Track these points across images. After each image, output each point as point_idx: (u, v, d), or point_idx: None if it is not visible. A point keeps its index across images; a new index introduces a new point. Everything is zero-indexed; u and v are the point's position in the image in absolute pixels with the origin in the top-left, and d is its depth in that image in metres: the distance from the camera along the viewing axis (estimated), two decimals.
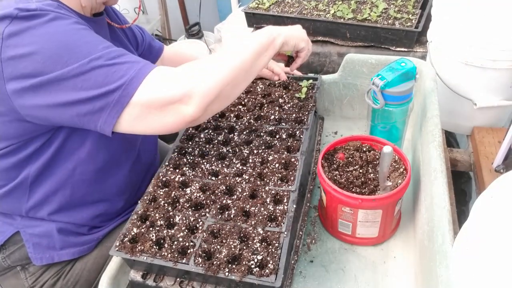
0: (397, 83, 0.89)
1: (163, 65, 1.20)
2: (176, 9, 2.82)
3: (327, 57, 1.54)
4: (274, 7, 1.66)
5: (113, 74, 0.71)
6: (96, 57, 0.71)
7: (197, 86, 0.72)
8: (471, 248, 0.53)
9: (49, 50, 0.70)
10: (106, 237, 1.00)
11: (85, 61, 0.70)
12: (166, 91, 0.71)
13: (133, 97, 0.71)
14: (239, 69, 0.77)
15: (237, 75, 0.77)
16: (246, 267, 0.68)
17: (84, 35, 0.74)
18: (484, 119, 1.23)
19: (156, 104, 0.72)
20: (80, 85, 0.70)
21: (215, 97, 0.74)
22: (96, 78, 0.70)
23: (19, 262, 0.95)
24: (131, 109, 0.71)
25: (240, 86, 0.81)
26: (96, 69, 0.70)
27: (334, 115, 1.26)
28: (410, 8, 1.51)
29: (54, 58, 0.70)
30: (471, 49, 1.08)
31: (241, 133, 0.99)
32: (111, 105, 0.71)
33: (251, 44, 0.81)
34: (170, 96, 0.71)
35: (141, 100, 0.71)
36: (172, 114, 0.73)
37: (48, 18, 0.72)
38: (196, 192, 0.84)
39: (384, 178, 0.81)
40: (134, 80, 0.71)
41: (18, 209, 0.92)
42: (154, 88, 0.71)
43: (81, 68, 0.70)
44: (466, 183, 1.43)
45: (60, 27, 0.72)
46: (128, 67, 0.72)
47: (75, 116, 0.74)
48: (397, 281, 0.81)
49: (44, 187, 0.89)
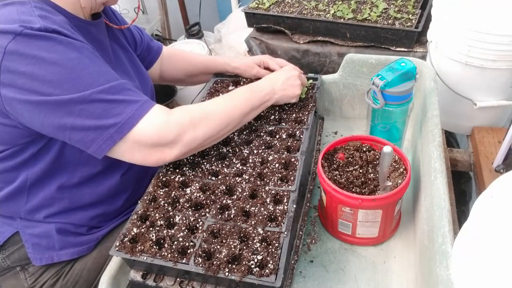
0: (397, 83, 0.89)
1: (162, 65, 1.23)
2: (176, 9, 2.82)
3: (327, 57, 1.54)
4: (274, 7, 1.66)
5: (111, 110, 0.74)
6: (97, 91, 0.73)
7: (184, 136, 0.79)
8: (471, 248, 0.53)
9: (50, 75, 0.71)
10: (105, 237, 1.00)
11: (87, 93, 0.72)
12: (156, 136, 0.77)
13: (126, 134, 0.75)
14: (226, 124, 0.86)
15: (223, 129, 0.86)
16: (246, 267, 0.68)
17: (87, 65, 0.74)
18: (484, 119, 1.23)
19: (144, 145, 0.78)
20: (78, 113, 0.73)
21: (198, 145, 0.83)
22: (94, 110, 0.73)
23: (18, 263, 0.95)
24: (122, 144, 0.76)
25: (223, 136, 0.89)
26: (96, 102, 0.73)
27: (334, 115, 1.26)
28: (410, 8, 1.51)
29: (54, 83, 0.71)
30: (471, 49, 1.08)
31: (241, 133, 0.99)
32: (104, 139, 0.75)
33: (244, 103, 0.89)
34: (158, 141, 0.78)
35: (132, 139, 0.76)
36: (155, 154, 0.79)
37: (53, 43, 0.72)
38: (196, 192, 0.84)
39: (384, 178, 0.81)
40: (130, 120, 0.75)
41: (17, 211, 0.92)
42: (146, 131, 0.76)
43: (81, 99, 0.72)
44: (466, 183, 1.43)
45: (63, 54, 0.72)
46: (126, 105, 0.75)
47: (67, 138, 0.77)
48: (397, 281, 0.81)
49: (43, 191, 0.89)
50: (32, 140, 0.82)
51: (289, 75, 1.00)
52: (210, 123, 0.82)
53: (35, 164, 0.86)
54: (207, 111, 0.84)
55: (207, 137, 0.83)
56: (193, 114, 0.81)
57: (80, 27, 0.84)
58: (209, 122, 0.82)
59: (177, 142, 0.79)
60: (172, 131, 0.78)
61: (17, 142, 0.82)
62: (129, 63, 1.02)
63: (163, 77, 1.26)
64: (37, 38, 0.70)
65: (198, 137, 0.81)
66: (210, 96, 1.11)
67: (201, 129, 0.81)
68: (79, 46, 0.75)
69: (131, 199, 1.02)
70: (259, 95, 0.93)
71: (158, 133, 0.77)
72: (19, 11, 0.73)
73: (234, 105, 0.88)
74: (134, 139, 0.76)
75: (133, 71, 1.02)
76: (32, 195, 0.90)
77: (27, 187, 0.89)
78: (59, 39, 0.72)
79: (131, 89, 0.78)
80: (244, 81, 1.17)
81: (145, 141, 0.77)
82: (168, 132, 0.77)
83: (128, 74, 0.98)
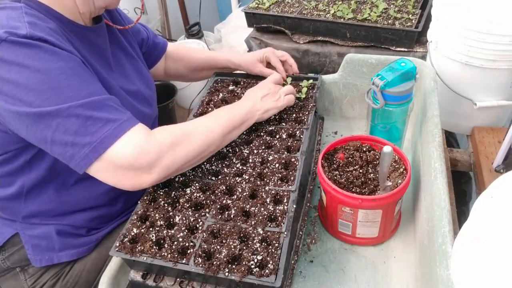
0: (397, 83, 0.89)
1: (167, 61, 1.22)
2: (176, 9, 2.82)
3: (327, 57, 1.54)
4: (274, 7, 1.66)
5: (88, 127, 0.71)
6: (76, 105, 0.71)
7: (163, 159, 0.75)
8: (471, 248, 0.53)
9: (32, 84, 0.69)
10: (105, 238, 1.00)
11: (64, 107, 0.70)
12: (133, 157, 0.73)
13: (102, 154, 0.72)
14: (208, 145, 0.82)
15: (205, 150, 0.82)
16: (246, 267, 0.68)
17: (70, 76, 0.72)
18: (484, 119, 1.23)
19: (119, 167, 0.74)
20: (55, 127, 0.71)
21: (178, 168, 0.79)
22: (70, 126, 0.71)
23: (18, 264, 0.95)
24: (97, 163, 0.73)
25: (204, 158, 0.86)
26: (73, 117, 0.71)
27: (334, 115, 1.26)
28: (410, 8, 1.51)
29: (35, 93, 0.70)
30: (471, 49, 1.08)
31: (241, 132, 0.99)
32: (81, 157, 0.72)
33: (226, 122, 0.86)
34: (134, 163, 0.73)
35: (108, 159, 0.73)
36: (131, 178, 0.75)
37: (37, 51, 0.70)
38: (196, 192, 0.84)
39: (384, 178, 0.81)
40: (106, 140, 0.72)
41: (15, 215, 0.92)
42: (122, 152, 0.73)
43: (58, 112, 0.70)
44: (466, 183, 1.42)
45: (47, 63, 0.70)
46: (104, 123, 0.72)
47: (49, 150, 0.75)
48: (397, 281, 0.81)
49: (40, 196, 0.90)
50: (24, 146, 0.81)
51: (265, 92, 0.97)
52: (191, 144, 0.79)
53: (31, 171, 0.86)
54: (188, 131, 0.81)
55: (188, 159, 0.80)
56: (174, 135, 0.78)
57: (77, 32, 0.83)
58: (191, 143, 0.79)
59: (155, 166, 0.75)
60: (150, 154, 0.74)
61: (9, 148, 0.82)
62: (131, 68, 1.01)
63: (167, 73, 1.26)
64: (21, 46, 0.69)
65: (178, 159, 0.78)
66: (210, 95, 1.11)
67: (182, 150, 0.78)
68: (65, 56, 0.73)
69: (130, 200, 1.01)
70: (240, 113, 0.90)
71: (135, 154, 0.73)
72: (9, 16, 0.72)
73: (216, 124, 0.85)
74: (110, 159, 0.72)
75: (135, 75, 1.01)
76: (29, 201, 0.90)
77: (24, 193, 0.89)
78: (44, 47, 0.71)
79: (113, 106, 0.75)
80: (244, 81, 1.17)
81: (121, 163, 0.73)
82: (146, 154, 0.74)
83: (128, 79, 0.97)
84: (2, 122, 0.76)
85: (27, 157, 0.84)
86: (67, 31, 0.80)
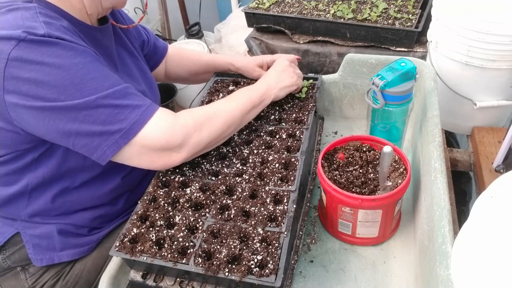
0: (397, 83, 0.89)
1: (167, 63, 1.23)
2: (176, 9, 2.82)
3: (327, 57, 1.54)
4: (274, 7, 1.66)
5: (116, 115, 0.74)
6: (102, 96, 0.73)
7: (190, 139, 0.80)
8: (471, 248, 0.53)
9: (54, 81, 0.71)
10: (105, 238, 1.00)
11: (92, 99, 0.72)
12: (162, 140, 0.77)
13: (132, 139, 0.75)
14: (229, 125, 0.87)
15: (227, 130, 0.87)
16: (246, 267, 0.68)
17: (91, 70, 0.74)
18: (484, 119, 1.23)
19: (151, 149, 0.78)
20: (82, 119, 0.72)
21: (203, 148, 0.84)
22: (99, 115, 0.73)
23: (19, 263, 0.95)
24: (128, 149, 0.76)
25: (227, 137, 0.90)
26: (101, 108, 0.73)
27: (334, 115, 1.26)
28: (410, 8, 1.51)
29: (59, 89, 0.71)
30: (471, 49, 1.08)
31: (241, 133, 0.99)
32: (109, 144, 0.74)
33: (245, 102, 0.91)
34: (165, 145, 0.78)
35: (139, 143, 0.76)
36: (163, 158, 0.80)
37: (56, 48, 0.71)
38: (196, 192, 0.84)
39: (384, 178, 0.81)
40: (135, 125, 0.75)
41: (17, 214, 0.92)
42: (153, 135, 0.76)
43: (85, 104, 0.72)
44: (466, 183, 1.43)
45: (67, 59, 0.72)
46: (131, 110, 0.75)
47: (71, 144, 0.76)
48: (397, 281, 0.81)
49: (44, 195, 0.90)
50: (33, 146, 0.82)
51: (280, 68, 1.03)
52: (214, 125, 0.83)
53: (37, 169, 0.86)
54: (210, 113, 0.84)
55: (212, 139, 0.84)
56: (197, 117, 0.82)
57: (85, 32, 0.84)
58: (213, 124, 0.83)
59: (184, 145, 0.79)
60: (178, 135, 0.78)
61: (18, 148, 0.82)
62: (135, 68, 1.02)
63: (168, 75, 1.26)
64: (40, 44, 0.70)
65: (204, 139, 0.82)
66: (210, 95, 1.11)
67: (205, 131, 0.82)
68: (82, 50, 0.75)
69: (132, 200, 1.02)
70: (257, 93, 0.94)
71: (165, 136, 0.77)
72: (23, 16, 0.73)
73: (235, 105, 0.89)
74: (141, 143, 0.76)
75: (139, 75, 1.02)
76: (32, 199, 0.90)
77: (28, 191, 0.89)
78: (62, 44, 0.72)
79: (134, 93, 0.78)
80: (244, 81, 1.17)
81: (153, 145, 0.77)
82: (175, 135, 0.78)
83: (134, 78, 0.99)
84: (17, 122, 0.76)
85: (35, 155, 0.84)
86: (76, 31, 0.81)
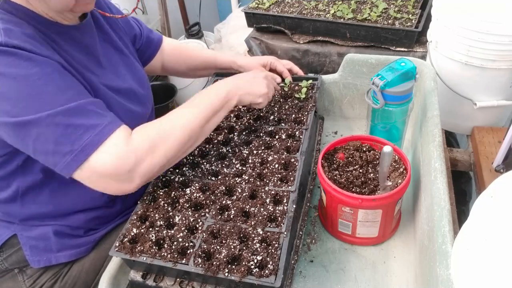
0: (397, 83, 0.89)
1: (164, 57, 1.21)
2: (176, 9, 2.82)
3: (327, 57, 1.54)
4: (274, 7, 1.66)
5: (68, 135, 0.70)
6: (54, 113, 0.69)
7: (141, 165, 0.74)
8: (471, 248, 0.53)
9: (9, 92, 0.69)
10: (103, 239, 1.00)
11: (43, 116, 0.69)
12: (113, 167, 0.72)
13: (83, 163, 0.71)
14: (188, 139, 0.80)
15: (186, 144, 0.80)
16: (246, 267, 0.68)
17: (47, 82, 0.71)
18: (484, 119, 1.23)
19: (101, 176, 0.73)
20: (35, 136, 0.70)
21: (160, 169, 0.78)
22: (50, 135, 0.70)
23: (16, 265, 0.95)
24: (79, 172, 0.72)
25: (190, 150, 0.83)
26: (51, 126, 0.70)
27: (334, 115, 1.26)
28: (410, 8, 1.51)
29: (13, 101, 0.69)
30: (471, 49, 1.08)
31: (240, 133, 0.99)
32: (64, 164, 0.71)
33: (204, 108, 0.83)
34: (114, 172, 0.73)
35: (89, 169, 0.72)
36: (114, 185, 0.75)
37: (12, 58, 0.69)
38: (196, 192, 0.84)
39: (384, 178, 0.81)
40: (86, 148, 0.71)
41: (13, 217, 0.92)
42: (102, 162, 0.72)
43: (37, 122, 0.69)
44: (466, 183, 1.42)
45: (23, 69, 0.69)
46: (83, 131, 0.71)
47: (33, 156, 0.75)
48: (397, 281, 0.81)
49: (37, 198, 0.89)
50: (14, 151, 0.80)
51: (254, 75, 0.96)
52: (169, 144, 0.77)
53: (24, 174, 0.85)
54: (166, 130, 0.78)
55: (169, 158, 0.78)
56: (151, 137, 0.76)
57: (60, 32, 0.81)
58: (169, 142, 0.77)
59: (135, 172, 0.74)
60: (129, 162, 0.73)
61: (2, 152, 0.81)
62: (123, 64, 0.98)
63: (165, 69, 1.24)
64: None
65: (159, 161, 0.76)
66: None
67: (160, 152, 0.76)
68: (41, 61, 0.71)
69: (128, 202, 1.01)
70: (217, 97, 0.86)
71: (114, 164, 0.72)
72: None
73: (194, 115, 0.82)
74: (92, 169, 0.72)
75: (127, 73, 0.98)
76: (25, 203, 0.90)
77: (19, 196, 0.88)
78: (19, 54, 0.69)
79: (93, 110, 0.74)
80: None
81: (102, 172, 0.72)
82: (125, 163, 0.73)
83: (119, 76, 0.95)
84: None
85: (19, 162, 0.83)
86: (48, 33, 0.78)
